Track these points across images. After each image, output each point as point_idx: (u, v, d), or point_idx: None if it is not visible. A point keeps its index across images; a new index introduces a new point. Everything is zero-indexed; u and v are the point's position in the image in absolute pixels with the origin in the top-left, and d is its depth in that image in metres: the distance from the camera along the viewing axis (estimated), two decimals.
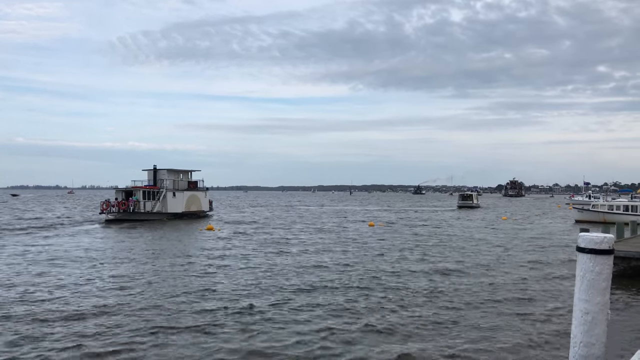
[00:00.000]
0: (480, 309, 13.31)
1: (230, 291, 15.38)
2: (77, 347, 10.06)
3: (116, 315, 12.52)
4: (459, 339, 10.73)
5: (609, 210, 45.25)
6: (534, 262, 21.61)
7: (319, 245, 28.24)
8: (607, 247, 5.21)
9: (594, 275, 5.21)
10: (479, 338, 10.78)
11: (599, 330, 5.25)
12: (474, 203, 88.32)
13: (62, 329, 11.29)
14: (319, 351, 9.94)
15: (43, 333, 11.01)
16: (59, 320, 12.06)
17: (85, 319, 12.20)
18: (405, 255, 23.95)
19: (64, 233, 35.53)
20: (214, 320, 12.06)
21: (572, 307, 5.50)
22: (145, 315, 12.50)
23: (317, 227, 41.84)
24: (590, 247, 5.22)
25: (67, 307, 13.34)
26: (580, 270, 5.32)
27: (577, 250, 5.38)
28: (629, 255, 17.29)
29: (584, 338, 5.27)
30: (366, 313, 12.87)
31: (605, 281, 5.23)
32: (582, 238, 5.31)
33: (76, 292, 15.30)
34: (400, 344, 10.41)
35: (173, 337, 10.72)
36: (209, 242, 29.32)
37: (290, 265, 20.82)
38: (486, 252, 25.34)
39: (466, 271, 19.33)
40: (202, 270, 19.45)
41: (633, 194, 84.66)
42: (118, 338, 10.67)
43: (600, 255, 5.20)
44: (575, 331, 5.36)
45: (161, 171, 51.94)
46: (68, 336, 10.76)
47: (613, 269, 5.43)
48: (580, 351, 5.29)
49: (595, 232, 5.92)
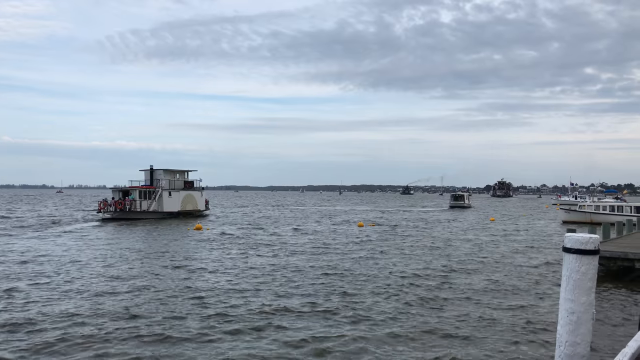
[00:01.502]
0: (464, 308, 13.27)
1: (206, 293, 14.77)
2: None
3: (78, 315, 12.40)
4: (445, 340, 10.68)
5: (595, 211, 45.35)
6: (521, 263, 21.61)
7: (308, 246, 27.63)
8: (593, 248, 5.16)
9: (580, 275, 5.15)
10: (465, 337, 10.73)
11: (584, 329, 5.19)
12: (465, 203, 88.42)
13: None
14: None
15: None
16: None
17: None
18: (390, 256, 23.91)
19: (56, 232, 35.32)
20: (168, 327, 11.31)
21: (558, 306, 5.44)
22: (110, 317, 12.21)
23: (306, 228, 41.39)
24: (576, 248, 5.17)
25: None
26: (566, 270, 5.26)
27: (563, 251, 5.32)
28: (615, 256, 17.29)
29: (570, 337, 5.21)
30: (351, 317, 12.77)
31: (591, 281, 5.17)
32: (568, 238, 5.25)
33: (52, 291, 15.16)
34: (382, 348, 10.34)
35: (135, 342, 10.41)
36: (191, 243, 28.41)
37: (276, 266, 20.69)
38: (473, 252, 25.31)
39: (454, 272, 19.30)
40: (173, 271, 18.83)
41: (618, 195, 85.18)
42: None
43: (586, 256, 5.14)
44: (561, 331, 5.30)
45: (158, 171, 52.27)
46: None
47: (599, 269, 5.36)
48: (566, 350, 5.23)
49: (581, 233, 5.87)
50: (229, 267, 19.97)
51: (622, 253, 17.28)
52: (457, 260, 22.04)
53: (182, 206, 52.17)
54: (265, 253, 24.29)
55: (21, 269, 18.87)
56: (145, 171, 52.69)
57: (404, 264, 20.84)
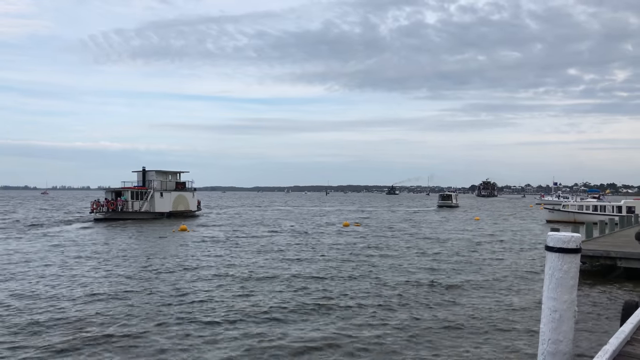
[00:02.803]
0: (447, 308, 13.25)
1: (178, 296, 14.43)
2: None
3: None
4: (427, 341, 10.64)
5: (578, 210, 45.64)
6: (505, 261, 21.68)
7: (292, 248, 26.84)
8: (575, 246, 5.15)
9: (562, 273, 5.14)
10: (448, 336, 10.70)
11: (566, 327, 5.17)
12: (453, 203, 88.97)
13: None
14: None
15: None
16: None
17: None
18: (375, 255, 23.89)
19: (49, 232, 34.95)
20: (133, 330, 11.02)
21: (541, 305, 5.42)
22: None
23: (291, 228, 40.91)
24: (558, 247, 5.16)
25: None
26: (549, 269, 5.25)
27: (545, 250, 5.30)
28: (597, 254, 17.39)
29: (552, 335, 5.19)
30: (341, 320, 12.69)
31: (573, 279, 5.16)
32: (550, 237, 5.23)
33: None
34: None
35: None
36: (172, 245, 27.57)
37: (258, 267, 20.58)
38: (458, 251, 25.37)
39: (440, 272, 19.30)
40: (143, 272, 18.42)
41: (600, 194, 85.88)
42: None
43: (568, 254, 5.13)
44: (544, 328, 5.28)
45: (150, 172, 52.53)
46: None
47: (581, 268, 5.35)
48: (549, 348, 5.21)
49: (564, 232, 5.86)
50: (206, 268, 19.45)
51: (604, 252, 17.37)
52: (440, 258, 22.05)
53: (174, 207, 52.23)
54: (247, 254, 24.01)
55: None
56: (138, 172, 52.85)
57: (390, 263, 20.82)
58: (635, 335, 5.79)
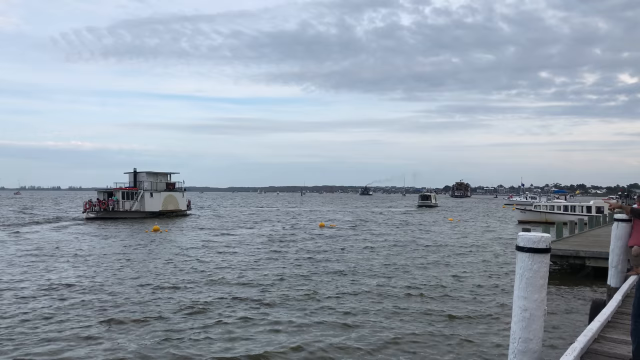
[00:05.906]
0: (419, 308, 13.12)
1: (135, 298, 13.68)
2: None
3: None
4: (402, 341, 10.48)
5: (549, 211, 45.86)
6: (476, 261, 21.53)
7: (263, 250, 24.89)
8: (545, 246, 5.00)
9: (532, 273, 5.00)
10: (421, 335, 10.55)
11: (536, 326, 5.04)
12: (432, 203, 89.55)
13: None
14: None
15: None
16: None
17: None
18: (349, 255, 23.74)
19: (43, 230, 34.28)
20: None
21: (512, 304, 5.28)
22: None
23: (267, 229, 39.33)
24: (528, 246, 5.03)
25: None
26: (520, 269, 5.10)
27: (516, 249, 5.16)
28: (567, 254, 17.37)
29: (523, 334, 5.05)
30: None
31: (543, 279, 5.01)
32: (520, 237, 5.09)
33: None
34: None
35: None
36: (139, 244, 26.41)
37: (230, 266, 20.28)
38: (429, 252, 25.20)
39: (409, 272, 19.17)
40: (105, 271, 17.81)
41: (568, 195, 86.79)
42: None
43: (538, 254, 5.00)
44: (515, 327, 5.14)
45: (141, 174, 52.83)
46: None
47: (551, 267, 5.22)
48: (519, 346, 5.07)
49: (535, 232, 5.72)
50: (170, 268, 18.77)
51: (573, 251, 17.37)
52: (414, 257, 21.97)
53: (164, 206, 52.30)
54: (219, 254, 23.30)
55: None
56: (130, 174, 53.20)
57: (365, 260, 20.68)
58: (602, 333, 5.71)
